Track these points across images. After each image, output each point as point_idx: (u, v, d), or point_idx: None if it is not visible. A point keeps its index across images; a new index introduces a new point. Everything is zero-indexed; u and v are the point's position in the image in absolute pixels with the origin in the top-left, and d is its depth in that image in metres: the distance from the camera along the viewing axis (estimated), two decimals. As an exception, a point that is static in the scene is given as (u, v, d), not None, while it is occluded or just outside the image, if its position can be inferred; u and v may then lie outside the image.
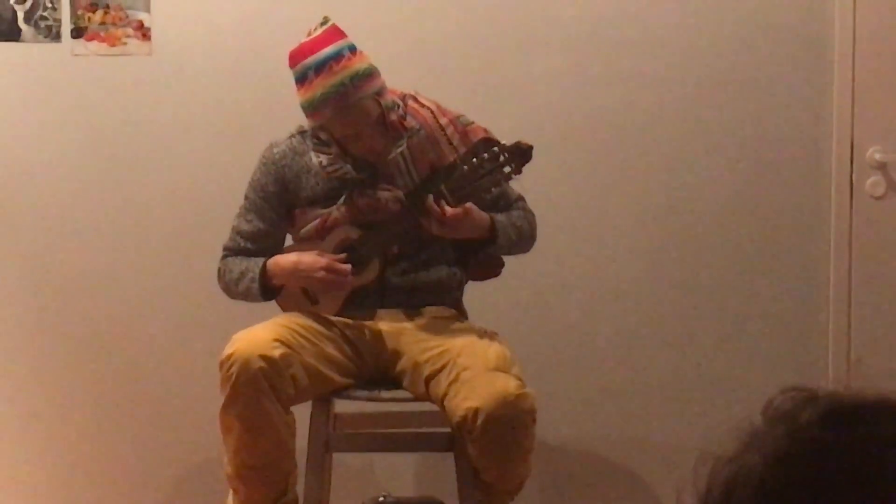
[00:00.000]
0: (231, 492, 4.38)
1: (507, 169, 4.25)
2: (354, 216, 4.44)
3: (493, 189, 4.31)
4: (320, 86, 4.29)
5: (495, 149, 4.25)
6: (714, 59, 5.21)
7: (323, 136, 4.42)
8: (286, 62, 4.37)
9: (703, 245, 5.28)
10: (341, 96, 4.29)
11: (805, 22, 5.21)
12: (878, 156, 5.22)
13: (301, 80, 4.32)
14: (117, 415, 5.22)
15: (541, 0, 5.17)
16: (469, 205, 4.28)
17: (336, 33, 4.36)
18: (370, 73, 4.33)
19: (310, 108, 4.35)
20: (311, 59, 4.31)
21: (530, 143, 4.27)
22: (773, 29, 5.21)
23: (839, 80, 5.22)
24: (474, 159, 4.25)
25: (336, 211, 4.44)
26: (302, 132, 4.49)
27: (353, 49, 4.33)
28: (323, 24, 4.38)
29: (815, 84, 5.24)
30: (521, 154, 4.25)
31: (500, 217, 4.43)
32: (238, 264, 4.50)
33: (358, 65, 4.31)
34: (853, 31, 5.19)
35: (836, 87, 5.22)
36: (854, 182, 5.25)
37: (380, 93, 4.34)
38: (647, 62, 5.20)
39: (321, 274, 4.37)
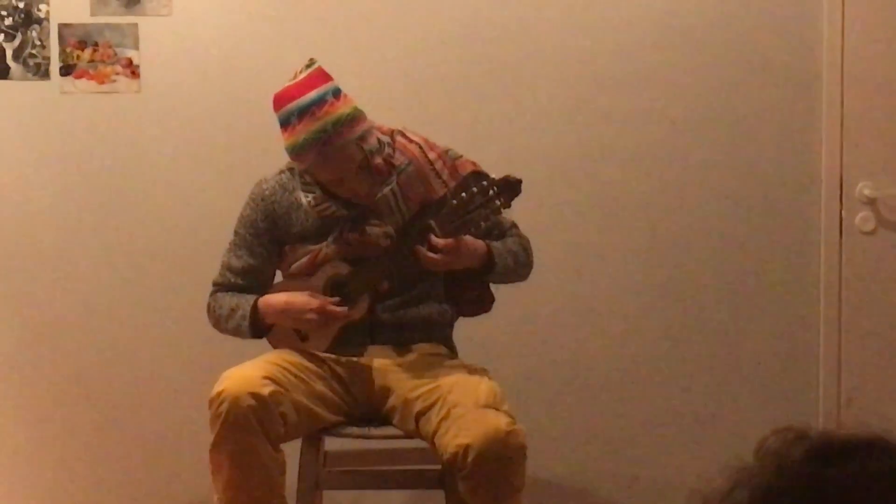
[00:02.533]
0: (220, 529, 4.37)
1: (497, 202, 4.24)
2: (344, 252, 4.44)
3: (482, 223, 4.32)
4: (303, 131, 4.29)
5: (484, 182, 4.24)
6: (705, 96, 5.23)
7: (307, 177, 4.44)
8: (272, 102, 4.39)
9: (693, 283, 5.29)
10: (323, 142, 4.29)
11: (794, 60, 5.24)
12: (867, 191, 5.23)
13: (285, 124, 4.33)
14: (108, 452, 5.21)
15: (530, 37, 5.18)
16: (459, 238, 4.27)
17: (321, 77, 4.36)
18: (353, 118, 4.33)
19: (293, 153, 4.36)
20: (294, 105, 4.31)
21: (519, 177, 4.26)
22: (762, 67, 5.23)
23: (828, 117, 5.23)
24: (464, 193, 4.25)
25: (326, 247, 4.44)
26: (291, 168, 4.49)
27: (336, 93, 4.33)
28: (308, 66, 4.38)
29: (804, 121, 5.25)
30: (510, 188, 4.24)
31: (496, 244, 4.43)
32: (228, 300, 4.50)
33: (341, 110, 4.31)
34: (841, 70, 5.21)
35: (824, 123, 5.24)
36: (843, 217, 5.26)
37: (363, 137, 4.34)
38: (638, 99, 5.21)
39: (312, 315, 4.37)
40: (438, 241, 4.23)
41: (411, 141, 4.51)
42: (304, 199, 4.43)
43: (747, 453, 1.47)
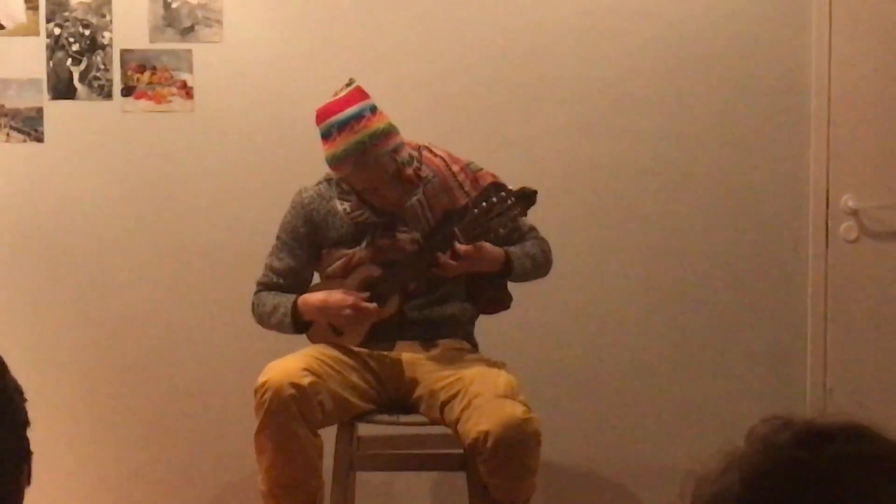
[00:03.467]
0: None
1: (514, 211, 4.27)
2: (376, 256, 4.44)
3: (501, 230, 4.31)
4: (342, 143, 4.31)
5: (503, 193, 4.27)
6: (703, 116, 5.21)
7: (345, 186, 4.44)
8: (314, 118, 4.38)
9: (693, 286, 5.27)
10: (360, 153, 4.31)
11: (784, 83, 5.22)
12: (850, 203, 5.21)
13: (326, 136, 4.35)
14: (164, 437, 5.21)
15: (544, 63, 5.17)
16: (481, 242, 4.28)
17: (359, 94, 4.38)
18: (388, 133, 4.35)
19: (333, 162, 4.38)
20: (335, 119, 4.33)
21: (535, 188, 4.29)
22: (755, 89, 5.21)
23: (815, 135, 5.21)
24: (484, 203, 4.28)
25: (360, 251, 4.45)
26: (328, 179, 4.51)
27: (373, 109, 4.35)
28: (348, 85, 4.41)
29: (793, 139, 5.23)
30: (525, 198, 4.28)
31: (513, 249, 4.43)
32: (271, 299, 4.51)
33: (377, 125, 4.33)
34: (828, 92, 5.18)
35: (812, 141, 5.21)
36: (829, 227, 5.24)
37: (396, 150, 4.36)
38: (641, 119, 5.19)
39: (347, 312, 4.38)
40: (461, 248, 4.24)
41: (436, 155, 4.52)
42: (341, 206, 4.45)
43: (739, 439, 1.46)
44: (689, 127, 5.22)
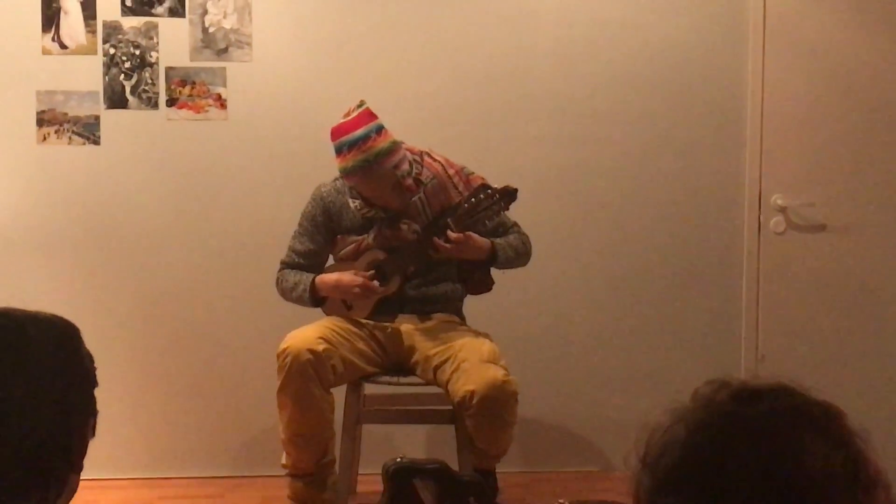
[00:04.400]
0: (284, 453, 4.38)
1: (498, 206, 4.32)
2: (381, 243, 4.46)
3: (487, 222, 4.34)
4: (352, 159, 4.33)
5: (489, 191, 4.32)
6: (657, 128, 5.21)
7: (354, 190, 4.46)
8: (329, 129, 4.40)
9: (648, 270, 5.27)
10: (367, 169, 4.34)
11: (725, 101, 5.22)
12: (779, 201, 5.23)
13: (338, 152, 4.37)
14: (201, 393, 5.21)
15: (525, 84, 5.17)
16: (469, 232, 4.29)
17: (367, 117, 4.37)
18: (390, 151, 4.35)
19: (344, 174, 4.41)
20: (346, 138, 4.35)
21: (516, 186, 4.31)
22: (701, 106, 5.21)
23: (750, 144, 5.22)
24: (473, 199, 4.33)
25: (368, 238, 4.47)
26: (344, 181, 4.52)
27: (379, 130, 4.35)
28: (359, 106, 4.40)
29: (732, 147, 5.23)
30: (508, 195, 4.31)
31: (499, 241, 4.45)
32: (292, 276, 4.52)
33: (381, 145, 4.34)
34: (761, 108, 5.19)
35: (747, 150, 5.22)
36: (761, 222, 5.25)
37: (397, 165, 4.37)
38: (606, 131, 5.19)
39: (356, 290, 4.40)
40: (452, 235, 4.25)
41: (435, 160, 4.53)
42: (352, 203, 4.46)
43: (685, 397, 1.47)
44: (646, 137, 5.22)
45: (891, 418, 5.12)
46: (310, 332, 4.34)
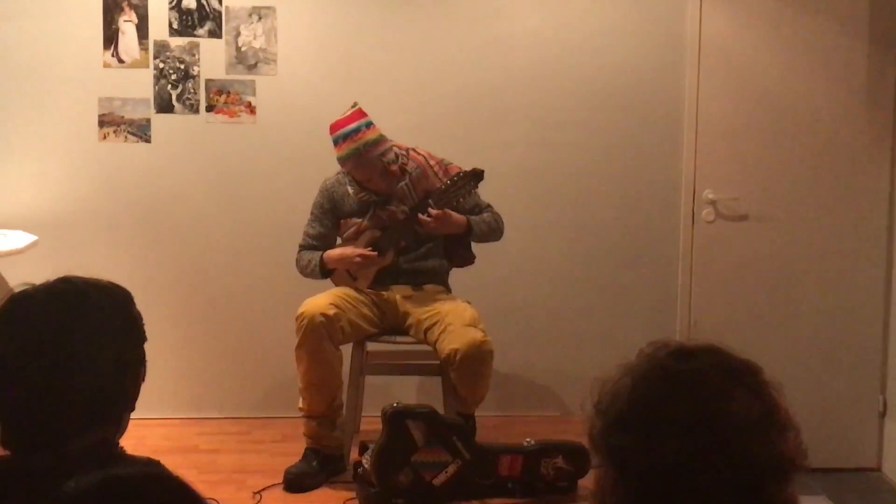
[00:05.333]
0: (301, 398, 4.37)
1: (470, 185, 4.36)
2: (376, 222, 4.47)
3: (462, 200, 4.39)
4: (346, 148, 4.37)
5: (461, 173, 4.37)
6: (610, 134, 5.21)
7: (350, 177, 4.47)
8: (328, 128, 4.45)
9: (601, 252, 5.27)
10: (358, 156, 4.38)
11: (666, 110, 5.21)
12: (710, 195, 5.22)
13: (335, 143, 4.40)
14: (234, 350, 5.22)
15: (503, 96, 5.16)
16: (447, 210, 4.33)
17: (359, 114, 4.41)
18: (377, 142, 4.38)
19: (340, 161, 4.44)
20: (342, 131, 4.38)
21: (483, 168, 4.35)
22: (646, 116, 5.21)
23: (686, 149, 5.21)
24: (449, 182, 4.37)
25: (365, 220, 4.48)
26: (343, 172, 4.53)
27: (368, 125, 4.40)
28: (353, 106, 4.46)
29: (671, 151, 5.23)
30: (476, 175, 4.36)
31: (474, 217, 4.46)
32: (307, 256, 4.52)
33: (369, 136, 4.38)
34: (696, 118, 5.19)
35: (684, 153, 5.22)
36: (695, 212, 5.24)
37: (383, 154, 4.40)
38: (569, 135, 5.19)
39: (357, 259, 4.40)
40: (433, 211, 4.28)
41: (419, 154, 4.55)
42: (350, 190, 4.45)
43: (631, 355, 1.47)
44: (601, 141, 5.22)
45: (800, 373, 5.15)
46: (322, 299, 4.34)
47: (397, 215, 4.44)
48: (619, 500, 1.38)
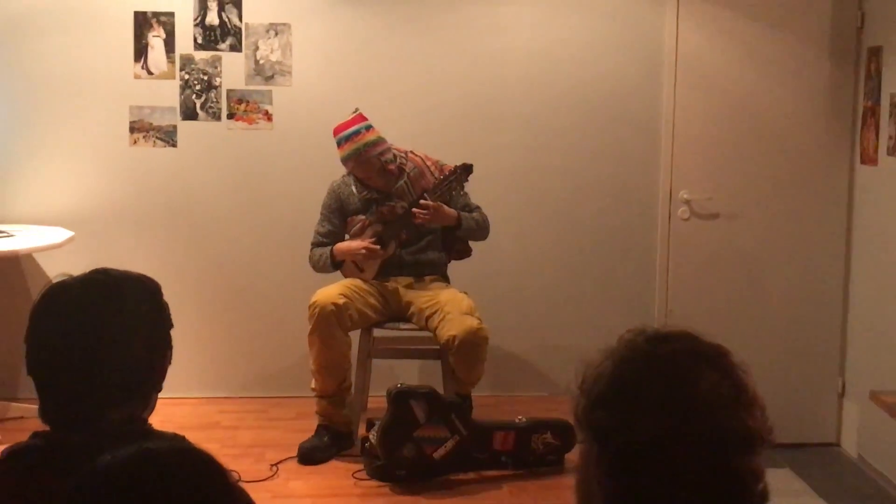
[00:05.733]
0: (313, 380, 4.38)
1: (461, 178, 4.38)
2: (379, 218, 4.48)
3: (452, 192, 4.41)
4: (348, 149, 4.41)
5: (452, 170, 4.39)
6: (596, 139, 5.21)
7: (353, 177, 4.49)
8: (332, 131, 4.50)
9: (587, 246, 5.27)
10: (358, 155, 4.41)
11: (646, 119, 5.22)
12: (685, 196, 5.23)
13: (339, 144, 4.45)
14: (253, 335, 5.22)
15: (497, 104, 5.16)
16: (439, 203, 4.35)
17: (359, 118, 4.46)
18: (375, 143, 4.41)
19: (343, 160, 4.47)
20: (343, 133, 4.43)
21: (471, 162, 4.40)
22: (629, 124, 5.21)
23: (664, 154, 5.22)
24: (442, 176, 4.39)
25: (369, 216, 4.48)
26: (348, 173, 4.53)
27: (367, 128, 4.43)
28: (354, 112, 4.50)
29: (651, 156, 5.24)
30: (466, 169, 4.40)
31: (465, 214, 4.48)
32: (318, 251, 4.53)
33: (368, 137, 4.41)
34: (672, 127, 5.20)
35: (662, 158, 5.23)
36: (671, 211, 5.25)
37: (381, 154, 4.42)
38: (558, 140, 5.20)
39: (363, 251, 4.41)
40: (427, 203, 4.30)
41: (417, 155, 4.58)
42: (355, 189, 4.46)
43: (613, 340, 1.46)
44: (588, 145, 5.22)
45: (766, 357, 5.16)
46: (333, 289, 4.34)
47: (397, 210, 4.44)
48: (601, 471, 1.38)
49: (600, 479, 1.37)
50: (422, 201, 4.32)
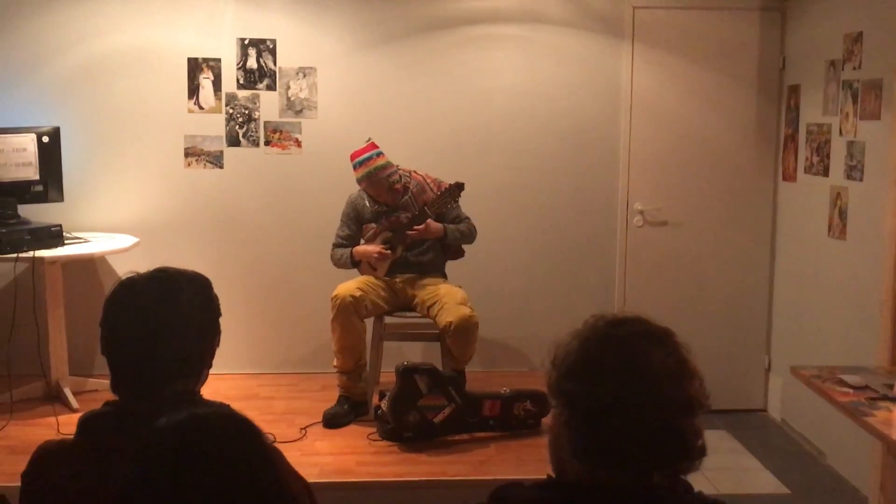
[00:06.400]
0: (335, 358, 4.35)
1: (455, 194, 4.35)
2: (388, 226, 4.44)
3: (449, 206, 4.38)
4: (362, 171, 4.36)
5: (447, 187, 4.36)
6: (566, 161, 5.20)
7: (366, 193, 4.46)
8: (349, 156, 4.44)
9: (559, 250, 5.25)
10: (370, 177, 4.35)
11: (608, 146, 5.20)
12: (639, 206, 5.22)
13: (355, 167, 4.39)
14: (286, 321, 5.19)
15: (484, 132, 5.14)
16: (429, 221, 4.32)
17: (372, 146, 4.41)
18: (385, 167, 4.37)
19: (358, 180, 4.41)
20: (358, 159, 4.38)
21: (463, 182, 4.37)
22: (593, 148, 5.19)
23: (622, 171, 5.20)
24: (440, 193, 4.36)
25: (380, 224, 4.45)
26: (361, 189, 4.50)
27: (378, 154, 4.38)
28: (367, 141, 4.45)
29: (611, 174, 5.21)
30: (458, 187, 4.36)
31: (450, 226, 4.43)
32: (339, 252, 4.49)
33: (378, 162, 4.36)
34: (629, 151, 5.18)
35: (620, 173, 5.21)
36: (628, 220, 5.23)
37: (390, 176, 4.38)
38: (534, 162, 5.18)
39: (376, 255, 4.38)
40: (418, 227, 4.31)
41: (419, 174, 4.53)
42: (368, 203, 4.43)
43: (579, 324, 1.46)
44: (558, 166, 5.20)
45: (706, 338, 5.16)
46: (351, 284, 4.32)
47: (403, 220, 4.43)
48: (570, 431, 1.38)
49: (569, 437, 1.38)
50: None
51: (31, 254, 4.35)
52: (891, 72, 3.98)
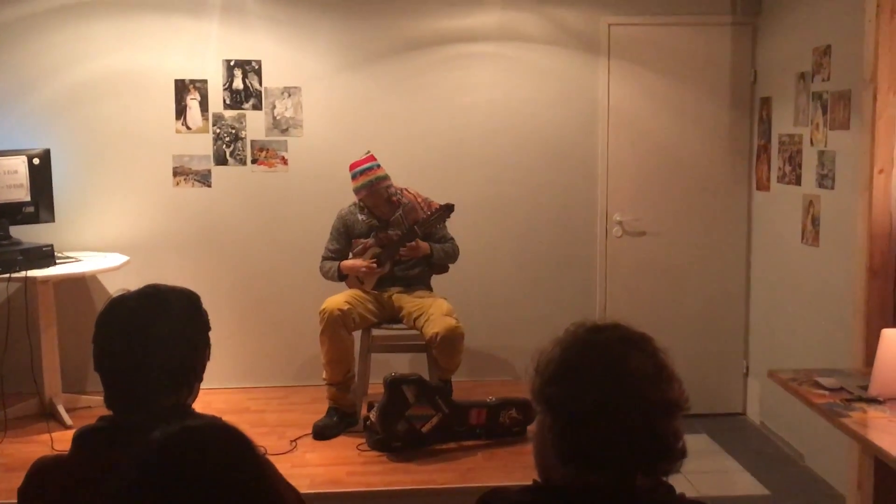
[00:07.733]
0: (324, 371, 4.35)
1: (444, 215, 4.36)
2: (378, 242, 4.43)
3: (437, 226, 4.38)
4: (362, 181, 4.34)
5: (438, 208, 4.34)
6: (547, 174, 5.21)
7: (361, 205, 4.43)
8: (349, 167, 4.43)
9: (541, 259, 5.26)
10: (368, 188, 4.34)
11: (587, 155, 5.22)
12: (618, 217, 5.23)
13: (354, 177, 4.37)
14: (275, 335, 5.17)
15: (469, 148, 5.16)
16: (417, 241, 4.34)
17: (371, 158, 4.41)
18: (383, 178, 4.36)
19: (356, 191, 4.39)
20: (359, 168, 4.36)
21: (453, 203, 4.38)
22: (574, 162, 5.21)
23: (601, 183, 5.22)
24: (430, 212, 4.35)
25: (370, 239, 4.44)
26: (355, 203, 4.50)
27: (377, 165, 4.38)
28: (367, 152, 4.43)
29: (591, 185, 5.23)
30: (448, 208, 4.36)
31: (436, 245, 4.44)
32: (328, 265, 4.49)
33: (377, 173, 4.36)
34: (607, 164, 5.20)
35: (599, 186, 5.22)
36: (608, 229, 5.25)
37: (387, 187, 4.37)
38: (516, 175, 5.19)
39: (364, 269, 4.37)
40: (409, 246, 4.31)
41: (410, 193, 4.53)
42: (360, 217, 4.43)
43: (561, 331, 1.47)
44: (538, 179, 5.22)
45: (684, 343, 5.18)
46: (339, 297, 4.32)
47: (393, 237, 4.43)
48: (554, 435, 1.38)
49: (553, 442, 1.38)
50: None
51: (23, 274, 4.33)
52: (858, 83, 4.03)
